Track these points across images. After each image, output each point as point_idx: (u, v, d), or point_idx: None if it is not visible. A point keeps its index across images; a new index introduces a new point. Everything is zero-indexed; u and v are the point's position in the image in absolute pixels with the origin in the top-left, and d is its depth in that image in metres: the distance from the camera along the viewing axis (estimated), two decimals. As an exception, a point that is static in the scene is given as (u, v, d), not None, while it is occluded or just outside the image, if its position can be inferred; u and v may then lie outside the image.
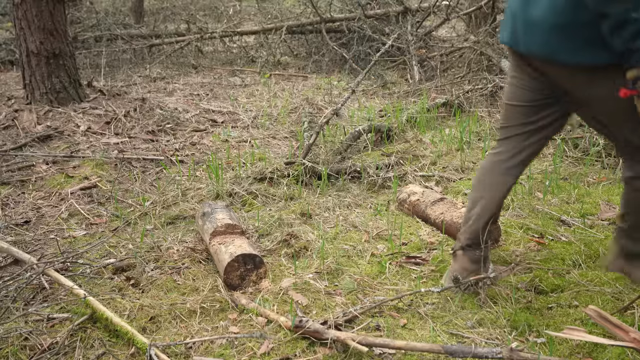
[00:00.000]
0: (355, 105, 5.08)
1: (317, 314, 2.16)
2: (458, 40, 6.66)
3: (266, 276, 2.39)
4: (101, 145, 4.06)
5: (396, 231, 2.80)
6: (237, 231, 2.54)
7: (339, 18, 6.95)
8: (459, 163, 3.63)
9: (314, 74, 6.57)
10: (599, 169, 3.52)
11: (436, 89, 5.37)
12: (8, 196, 3.26)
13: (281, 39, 7.01)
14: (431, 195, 2.99)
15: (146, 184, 3.51)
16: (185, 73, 6.61)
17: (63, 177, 3.52)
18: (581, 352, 1.93)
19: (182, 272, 2.46)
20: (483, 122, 4.39)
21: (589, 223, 2.80)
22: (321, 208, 3.09)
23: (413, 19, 6.69)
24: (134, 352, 1.94)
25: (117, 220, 3.01)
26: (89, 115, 4.55)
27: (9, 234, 2.84)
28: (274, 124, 4.67)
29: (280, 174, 3.41)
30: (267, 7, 8.51)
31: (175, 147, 4.12)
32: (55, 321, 2.12)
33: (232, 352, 1.95)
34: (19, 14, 4.48)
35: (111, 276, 2.43)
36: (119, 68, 6.64)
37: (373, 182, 3.41)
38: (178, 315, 2.15)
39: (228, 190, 3.23)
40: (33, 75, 4.60)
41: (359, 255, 2.60)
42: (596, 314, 1.84)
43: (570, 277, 2.35)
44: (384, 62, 6.48)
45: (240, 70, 6.77)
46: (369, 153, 3.91)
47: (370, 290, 2.32)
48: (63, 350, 1.96)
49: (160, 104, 4.94)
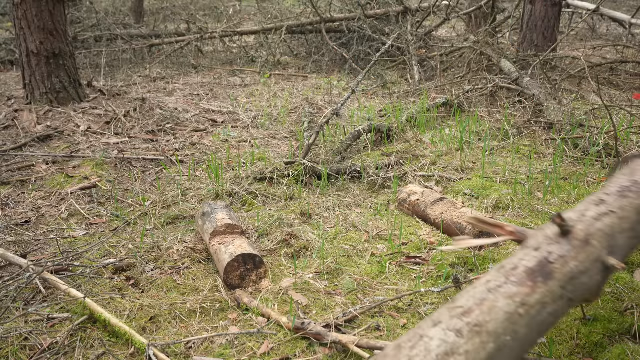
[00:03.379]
0: (355, 105, 5.08)
1: (317, 314, 2.16)
2: (458, 40, 6.67)
3: (266, 276, 2.39)
4: (101, 145, 4.06)
5: (396, 231, 2.80)
6: (237, 231, 2.54)
7: (339, 18, 6.95)
8: (459, 163, 3.63)
9: (314, 74, 6.57)
10: (599, 169, 3.52)
11: (436, 89, 5.37)
12: (8, 196, 3.26)
13: (281, 39, 7.01)
14: (431, 195, 2.99)
15: (146, 184, 3.51)
16: (185, 73, 6.61)
17: (63, 177, 3.52)
18: (581, 352, 1.93)
19: (182, 272, 2.46)
20: (483, 122, 4.39)
21: (589, 223, 2.80)
22: (321, 208, 3.09)
23: (413, 19, 6.69)
24: (134, 352, 1.94)
25: (117, 220, 3.01)
26: (89, 115, 4.55)
27: (9, 234, 2.84)
28: (274, 124, 4.67)
29: (280, 174, 3.41)
30: (267, 7, 8.51)
31: (175, 147, 4.12)
32: (55, 321, 2.12)
33: (232, 352, 1.95)
34: (19, 14, 4.48)
35: (111, 276, 2.43)
36: (119, 68, 6.64)
37: (373, 182, 3.41)
38: (178, 315, 2.15)
39: (228, 190, 3.23)
40: (33, 75, 4.60)
41: (359, 255, 2.60)
42: (475, 220, 1.98)
43: (570, 277, 2.34)
44: (384, 62, 6.48)
45: (240, 70, 6.77)
46: (369, 153, 3.91)
47: (370, 290, 2.32)
48: (63, 350, 1.96)
49: (160, 104, 4.94)
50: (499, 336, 1.39)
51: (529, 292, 1.50)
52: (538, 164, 3.59)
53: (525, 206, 3.02)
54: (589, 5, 7.67)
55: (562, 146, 3.74)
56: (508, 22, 7.26)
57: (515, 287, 1.50)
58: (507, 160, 3.70)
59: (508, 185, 3.30)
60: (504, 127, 4.15)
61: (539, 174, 3.44)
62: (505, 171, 3.48)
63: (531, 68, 5.03)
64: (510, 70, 5.04)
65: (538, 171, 3.48)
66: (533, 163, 3.61)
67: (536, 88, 4.59)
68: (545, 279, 1.55)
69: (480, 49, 5.52)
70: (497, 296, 1.46)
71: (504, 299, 1.46)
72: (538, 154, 3.81)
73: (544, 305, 1.52)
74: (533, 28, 5.81)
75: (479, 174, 3.45)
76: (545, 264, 1.59)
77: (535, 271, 1.56)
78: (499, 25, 7.04)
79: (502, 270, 1.56)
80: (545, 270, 1.57)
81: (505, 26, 7.46)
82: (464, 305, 1.43)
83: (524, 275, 1.54)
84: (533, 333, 1.51)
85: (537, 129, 4.17)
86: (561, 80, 5.07)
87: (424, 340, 1.31)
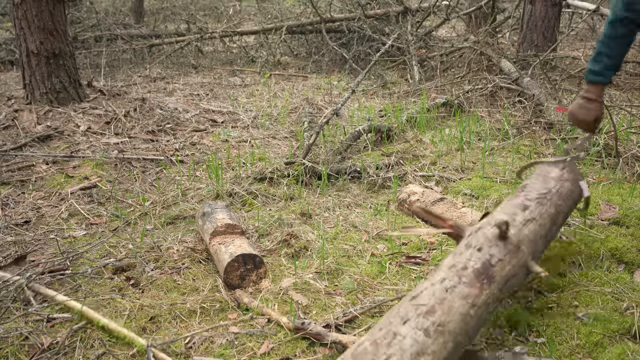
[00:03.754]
0: (355, 105, 5.08)
1: (317, 314, 2.16)
2: (458, 40, 6.67)
3: (266, 276, 2.39)
4: (101, 145, 4.06)
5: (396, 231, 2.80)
6: (237, 231, 2.54)
7: (339, 18, 6.95)
8: (459, 163, 3.63)
9: (314, 74, 6.57)
10: (599, 169, 3.52)
11: (436, 89, 5.37)
12: (8, 196, 3.26)
13: (281, 39, 7.01)
14: (431, 195, 2.99)
15: (146, 184, 3.51)
16: (185, 73, 6.61)
17: (63, 177, 3.53)
18: (581, 352, 1.93)
19: (182, 272, 2.46)
20: (483, 122, 4.39)
21: (589, 223, 2.80)
22: (321, 208, 3.09)
23: (413, 19, 6.69)
24: (135, 353, 1.94)
25: (117, 220, 3.01)
26: (89, 115, 4.55)
27: (9, 234, 2.84)
28: (274, 124, 4.67)
29: (280, 174, 3.41)
30: (267, 7, 8.51)
31: (175, 147, 4.12)
32: (55, 321, 2.12)
33: (232, 352, 1.95)
34: (19, 14, 4.48)
35: (111, 276, 2.43)
36: (119, 68, 6.64)
37: (373, 182, 3.41)
38: (178, 315, 2.15)
39: (228, 190, 3.23)
40: (33, 75, 4.60)
41: (359, 255, 2.60)
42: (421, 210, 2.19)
43: (570, 277, 2.35)
44: (384, 62, 6.48)
45: (240, 70, 6.77)
46: (369, 153, 3.90)
47: (370, 290, 2.32)
48: (63, 350, 1.96)
49: (160, 104, 4.94)
50: (456, 336, 1.51)
51: (477, 294, 1.63)
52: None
53: (525, 206, 3.02)
54: (589, 5, 7.67)
55: (562, 146, 3.74)
56: (508, 22, 7.26)
57: (467, 288, 1.62)
58: (507, 160, 3.70)
59: (508, 185, 3.30)
60: (504, 127, 4.15)
61: (539, 174, 3.44)
62: (505, 171, 3.48)
63: (531, 68, 5.03)
64: (510, 70, 5.04)
65: (538, 171, 3.48)
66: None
67: (536, 88, 4.59)
68: (489, 282, 1.68)
69: (480, 49, 5.52)
70: (453, 297, 1.58)
71: (459, 300, 1.58)
72: (538, 154, 3.81)
73: (487, 306, 1.66)
74: (533, 28, 5.81)
75: (479, 174, 3.45)
76: (488, 266, 1.71)
77: (481, 273, 1.68)
78: (499, 25, 7.04)
79: (454, 269, 1.68)
80: (489, 273, 1.70)
81: (505, 26, 7.46)
82: (427, 304, 1.54)
83: (473, 277, 1.66)
84: (475, 332, 1.64)
85: (537, 129, 4.17)
86: (561, 80, 5.07)
87: (397, 339, 1.42)
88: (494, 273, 1.70)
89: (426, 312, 1.51)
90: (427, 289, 1.60)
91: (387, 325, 1.48)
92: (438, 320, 1.50)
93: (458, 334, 1.52)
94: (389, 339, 1.43)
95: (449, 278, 1.64)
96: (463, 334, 1.54)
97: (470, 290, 1.62)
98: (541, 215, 2.01)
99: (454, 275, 1.65)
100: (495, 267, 1.72)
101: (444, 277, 1.65)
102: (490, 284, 1.68)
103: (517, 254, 1.81)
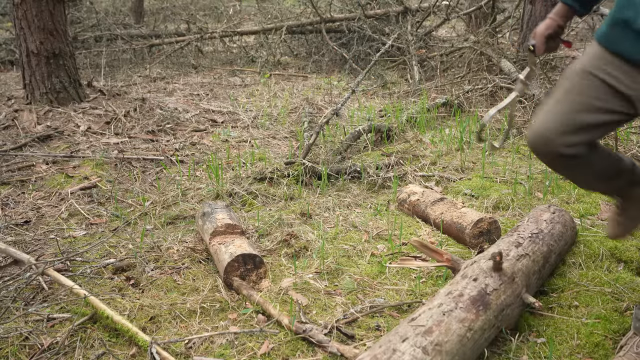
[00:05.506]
0: (355, 105, 5.08)
1: (317, 314, 2.16)
2: (458, 40, 6.67)
3: (266, 276, 2.39)
4: (101, 145, 4.06)
5: (396, 231, 2.80)
6: (237, 231, 2.54)
7: (339, 18, 6.95)
8: (459, 163, 3.63)
9: (314, 74, 6.57)
10: (599, 169, 3.52)
11: (436, 89, 5.37)
12: (8, 196, 3.26)
13: (281, 39, 7.01)
14: (431, 195, 2.99)
15: (146, 184, 3.51)
16: (185, 73, 6.61)
17: (63, 177, 3.53)
18: (581, 352, 1.93)
19: (182, 272, 2.46)
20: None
21: (589, 223, 2.80)
22: (321, 208, 3.09)
23: (413, 19, 6.69)
24: (135, 353, 1.94)
25: (117, 220, 3.01)
26: (89, 115, 4.55)
27: (9, 234, 2.84)
28: (274, 124, 4.67)
29: (280, 174, 3.41)
30: (267, 7, 8.51)
31: (175, 147, 4.12)
32: (55, 321, 2.12)
33: (232, 352, 1.95)
34: (19, 14, 4.48)
35: (111, 276, 2.43)
36: (119, 68, 6.64)
37: (373, 182, 3.41)
38: (178, 315, 2.15)
39: (228, 190, 3.23)
40: (33, 75, 4.60)
41: (359, 255, 2.60)
42: (418, 244, 2.27)
43: (570, 277, 2.35)
44: (384, 62, 6.48)
45: (240, 70, 6.77)
46: (369, 153, 3.90)
47: (370, 290, 2.32)
48: (63, 350, 1.96)
49: (160, 104, 4.94)
50: (453, 356, 1.59)
51: (474, 319, 1.73)
52: (538, 164, 3.59)
53: (526, 206, 3.02)
54: (589, 5, 7.66)
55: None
56: (508, 22, 7.26)
57: (464, 313, 1.72)
58: (507, 160, 3.70)
59: (508, 185, 3.30)
60: (504, 127, 4.15)
61: (539, 174, 3.44)
62: (505, 171, 3.48)
63: (531, 68, 5.03)
64: (510, 70, 5.04)
65: (538, 171, 3.48)
66: (533, 163, 3.61)
67: (536, 88, 4.59)
68: (485, 308, 1.78)
69: (480, 49, 5.52)
70: (450, 319, 1.68)
71: (456, 323, 1.68)
72: (538, 154, 3.80)
73: (483, 332, 1.75)
74: (533, 28, 5.80)
75: (479, 174, 3.45)
76: (484, 294, 1.82)
77: (477, 300, 1.79)
78: (499, 25, 7.04)
79: (450, 295, 1.79)
80: (485, 300, 1.81)
81: (505, 26, 7.46)
82: (425, 325, 1.63)
83: (469, 303, 1.77)
84: (473, 355, 1.72)
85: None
86: (561, 80, 5.07)
87: (396, 355, 1.53)
88: (490, 301, 1.81)
89: (424, 332, 1.60)
90: (425, 312, 1.70)
91: (386, 342, 1.55)
92: (436, 340, 1.58)
93: (455, 355, 1.60)
94: (389, 355, 1.50)
95: (446, 303, 1.74)
96: (460, 354, 1.62)
97: (466, 314, 1.71)
98: (534, 252, 2.16)
99: (451, 301, 1.75)
100: (490, 296, 1.83)
101: (441, 302, 1.74)
102: (486, 311, 1.77)
103: (511, 285, 1.92)
